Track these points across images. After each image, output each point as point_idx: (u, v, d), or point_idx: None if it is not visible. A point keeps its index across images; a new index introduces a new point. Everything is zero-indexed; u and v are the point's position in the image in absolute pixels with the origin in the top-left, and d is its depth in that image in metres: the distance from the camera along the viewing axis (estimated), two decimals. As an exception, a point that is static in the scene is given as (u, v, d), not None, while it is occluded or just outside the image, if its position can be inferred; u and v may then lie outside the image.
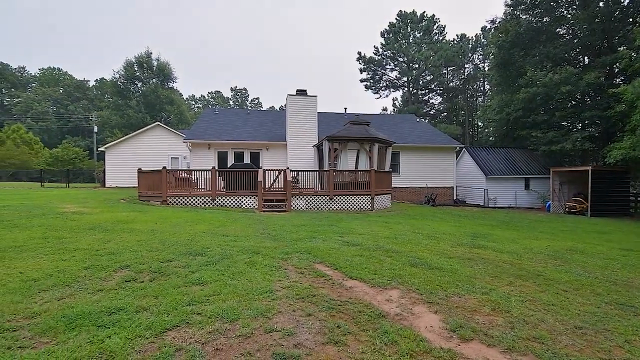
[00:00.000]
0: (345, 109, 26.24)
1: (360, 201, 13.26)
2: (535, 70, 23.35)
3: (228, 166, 16.80)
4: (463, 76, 49.13)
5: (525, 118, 24.64)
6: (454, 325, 3.06)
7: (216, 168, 13.34)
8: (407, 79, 47.54)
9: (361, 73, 48.83)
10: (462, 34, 48.33)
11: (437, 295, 3.81)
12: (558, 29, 26.02)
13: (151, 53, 46.89)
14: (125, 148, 25.35)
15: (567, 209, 19.00)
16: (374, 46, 47.76)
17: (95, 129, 42.84)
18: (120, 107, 45.76)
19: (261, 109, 76.54)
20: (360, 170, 14.18)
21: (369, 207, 13.26)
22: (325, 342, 2.68)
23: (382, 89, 50.63)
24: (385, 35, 47.04)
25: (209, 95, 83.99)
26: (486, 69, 46.40)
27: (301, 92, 19.04)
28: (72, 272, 4.07)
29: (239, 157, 19.23)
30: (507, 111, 26.01)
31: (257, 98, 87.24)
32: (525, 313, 3.45)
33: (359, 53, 46.85)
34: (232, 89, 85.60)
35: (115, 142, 26.03)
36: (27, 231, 6.28)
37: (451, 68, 47.81)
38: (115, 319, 2.86)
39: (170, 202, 12.32)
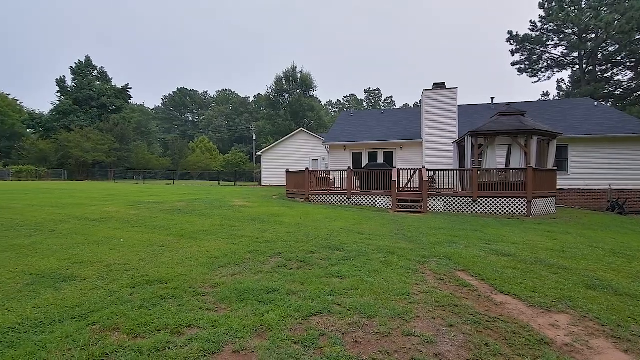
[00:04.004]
0: (492, 98, 23.10)
1: (512, 204, 11.44)
2: None
3: (362, 166, 17.31)
4: (672, 39, 35.98)
5: None
6: (661, 376, 2.27)
7: (351, 168, 13.92)
8: (579, 53, 38.24)
9: (513, 55, 42.06)
10: (669, -19, 35.46)
11: (628, 330, 2.92)
12: None
13: (296, 67, 52.87)
14: (276, 152, 29.40)
15: None
16: (530, 21, 40.29)
17: (254, 137, 51.51)
18: (272, 117, 53.44)
19: (394, 107, 75.77)
20: (512, 169, 12.22)
21: (524, 211, 11.30)
22: (470, 359, 2.41)
23: (542, 70, 42.29)
24: (546, 5, 39.06)
25: (344, 99, 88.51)
26: None
27: (439, 86, 17.86)
28: (240, 254, 4.97)
29: (372, 157, 19.55)
30: None
31: (391, 97, 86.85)
32: None
33: (510, 32, 40.43)
34: (365, 91, 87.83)
35: (268, 147, 30.48)
36: (210, 219, 8.03)
37: (650, 31, 35.73)
38: (271, 297, 3.33)
39: (311, 199, 13.59)
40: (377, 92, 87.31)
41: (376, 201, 12.78)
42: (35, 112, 49.67)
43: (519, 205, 11.37)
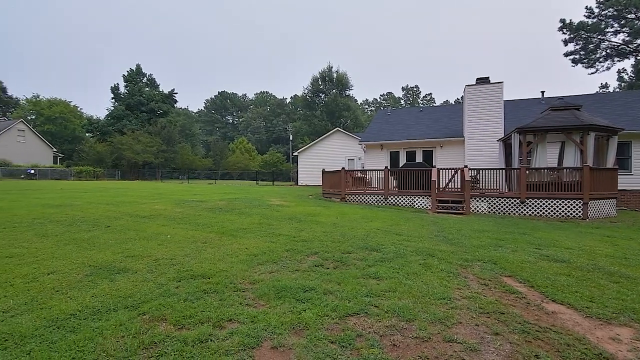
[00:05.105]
0: (542, 92, 21.50)
1: (565, 206, 10.59)
2: None
3: (400, 166, 16.94)
4: None
5: None
6: None
7: (388, 168, 13.66)
8: (644, 40, 34.49)
9: (566, 45, 38.82)
10: None
11: None
12: None
13: (332, 67, 53.04)
14: (312, 152, 29.66)
15: None
16: (586, 7, 36.98)
17: (291, 137, 52.36)
18: (308, 117, 54.06)
19: (434, 105, 73.26)
20: (566, 168, 11.31)
21: (579, 214, 10.41)
22: (519, 371, 2.26)
23: (600, 60, 38.65)
24: (605, -10, 35.67)
25: (381, 97, 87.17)
26: None
27: (482, 80, 16.99)
28: (278, 252, 5.06)
29: (410, 156, 19.06)
30: None
31: (430, 94, 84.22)
32: None
33: (562, 21, 37.41)
34: (403, 89, 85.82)
35: (305, 147, 30.84)
36: (249, 218, 8.28)
37: None
38: (308, 296, 3.35)
39: (347, 199, 13.52)
40: (415, 89, 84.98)
41: (414, 202, 12.43)
42: (93, 117, 54.33)
43: (574, 207, 10.49)
